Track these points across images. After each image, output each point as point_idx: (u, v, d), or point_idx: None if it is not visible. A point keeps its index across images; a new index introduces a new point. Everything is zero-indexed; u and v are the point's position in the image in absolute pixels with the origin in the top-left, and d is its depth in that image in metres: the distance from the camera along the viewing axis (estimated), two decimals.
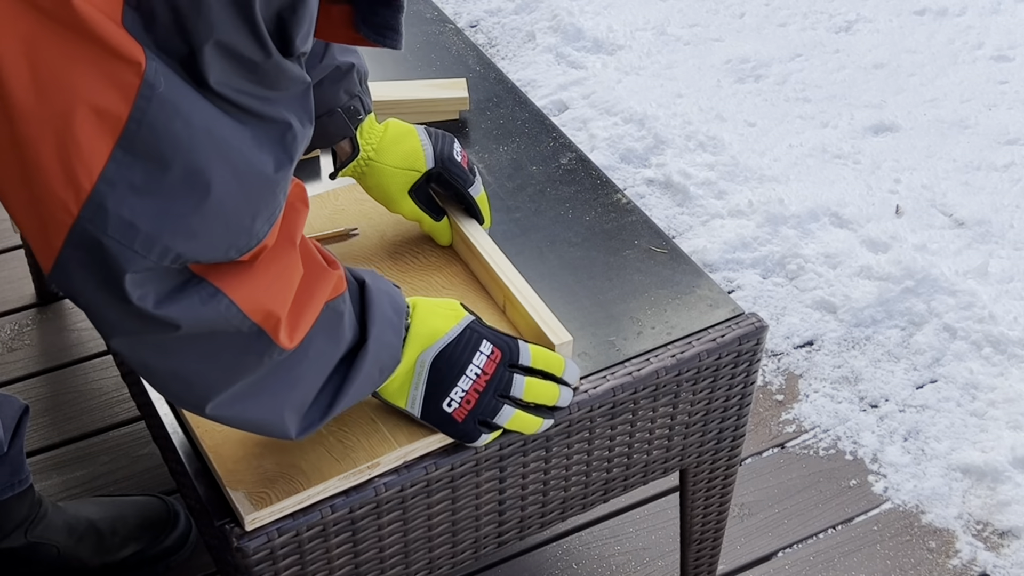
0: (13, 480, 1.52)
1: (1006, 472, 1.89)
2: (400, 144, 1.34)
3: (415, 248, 1.41)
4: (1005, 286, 2.24)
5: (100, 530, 1.63)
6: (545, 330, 1.26)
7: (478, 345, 1.16)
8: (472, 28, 3.08)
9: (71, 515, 1.62)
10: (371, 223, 1.43)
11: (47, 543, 1.58)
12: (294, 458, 1.16)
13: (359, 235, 1.39)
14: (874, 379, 2.09)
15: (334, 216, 1.44)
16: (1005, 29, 3.06)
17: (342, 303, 1.05)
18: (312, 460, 1.16)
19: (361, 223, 1.43)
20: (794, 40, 3.02)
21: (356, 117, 1.32)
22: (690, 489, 1.50)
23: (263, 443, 1.17)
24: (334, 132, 1.32)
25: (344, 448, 1.17)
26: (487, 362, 1.16)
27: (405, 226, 1.43)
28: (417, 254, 1.40)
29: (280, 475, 1.14)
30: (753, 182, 2.49)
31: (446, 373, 1.15)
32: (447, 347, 1.15)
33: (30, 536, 1.57)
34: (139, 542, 1.65)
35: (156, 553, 1.66)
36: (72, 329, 2.12)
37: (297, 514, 1.13)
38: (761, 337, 1.35)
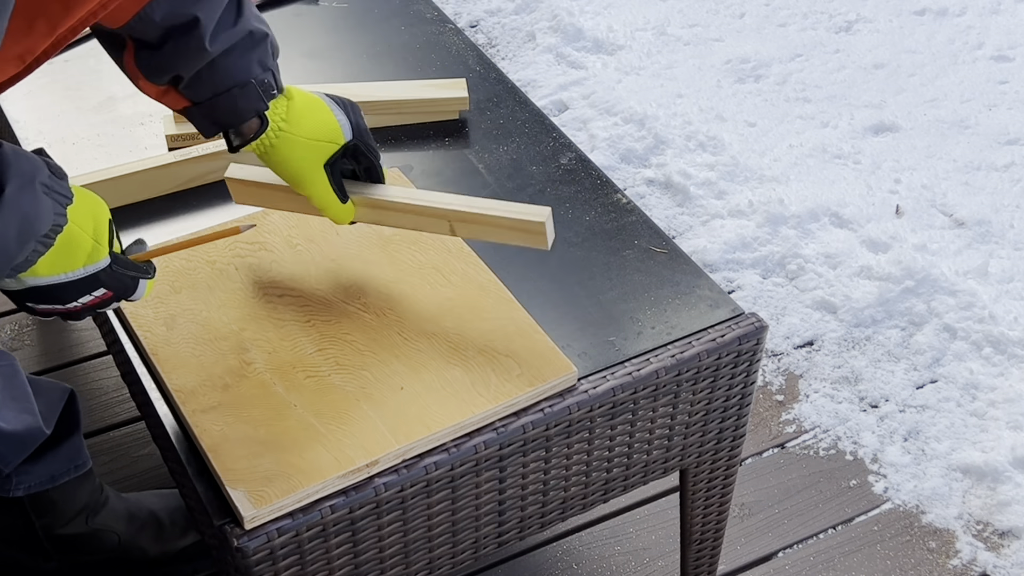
0: (70, 465, 1.52)
1: (1006, 472, 1.89)
2: (313, 114, 1.23)
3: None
4: (1005, 286, 2.24)
5: (160, 520, 1.65)
6: (524, 215, 1.22)
7: (92, 289, 1.10)
8: (472, 28, 3.08)
9: (133, 504, 1.64)
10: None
11: (108, 530, 1.59)
12: (292, 457, 1.16)
13: (254, 228, 1.32)
14: (874, 379, 2.08)
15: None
16: (1005, 29, 3.06)
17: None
18: (310, 459, 1.16)
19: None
20: (794, 40, 3.02)
21: (270, 92, 1.21)
22: (690, 489, 1.50)
23: (262, 442, 1.17)
24: (244, 107, 1.20)
25: (342, 447, 1.17)
26: (91, 300, 1.11)
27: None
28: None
29: (278, 473, 1.14)
30: (753, 182, 2.49)
31: (44, 298, 1.09)
32: (55, 287, 1.08)
33: (91, 523, 1.58)
34: (198, 534, 1.66)
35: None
36: (72, 329, 2.12)
37: (296, 514, 1.13)
38: (761, 337, 1.35)
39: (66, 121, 1.61)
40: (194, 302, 1.33)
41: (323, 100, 1.27)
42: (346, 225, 1.32)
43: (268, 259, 1.38)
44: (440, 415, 1.20)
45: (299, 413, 1.20)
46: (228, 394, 1.22)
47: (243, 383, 1.23)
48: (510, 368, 1.24)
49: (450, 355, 1.26)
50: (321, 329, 1.29)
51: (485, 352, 1.26)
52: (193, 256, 1.37)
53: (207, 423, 1.19)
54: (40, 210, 1.02)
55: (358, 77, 1.73)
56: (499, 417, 1.22)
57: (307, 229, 1.41)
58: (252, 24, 1.19)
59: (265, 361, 1.26)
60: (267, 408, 1.21)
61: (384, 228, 1.39)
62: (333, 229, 1.41)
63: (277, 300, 1.33)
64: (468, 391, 1.22)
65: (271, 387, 1.23)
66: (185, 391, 1.22)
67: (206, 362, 1.26)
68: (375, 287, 1.34)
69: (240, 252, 1.39)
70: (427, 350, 1.27)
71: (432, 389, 1.22)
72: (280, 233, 1.41)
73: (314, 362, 1.25)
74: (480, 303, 1.32)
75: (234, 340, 1.28)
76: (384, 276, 1.35)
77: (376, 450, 1.17)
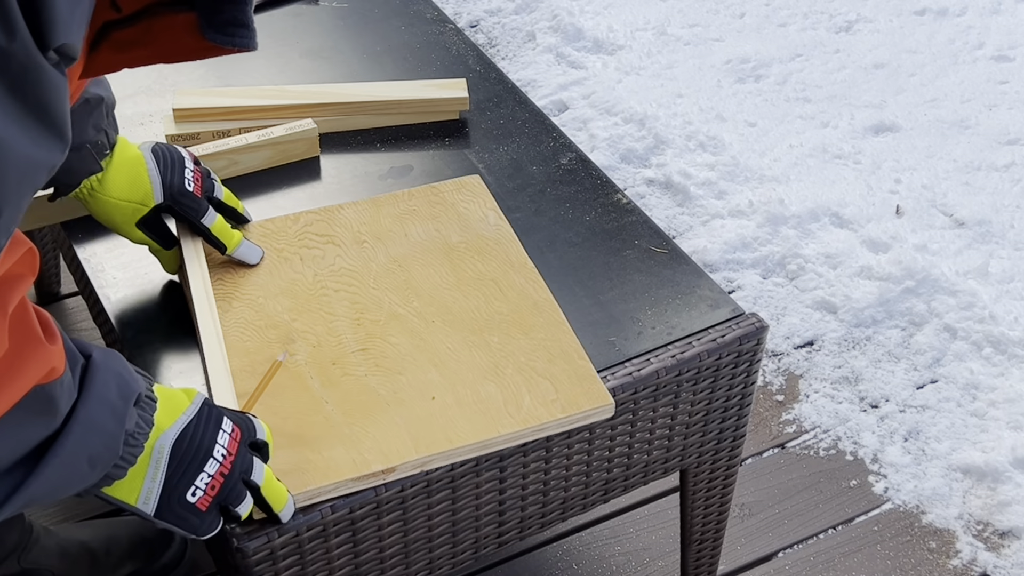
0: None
1: (1006, 472, 1.89)
2: (125, 174, 1.25)
3: None
4: (1005, 286, 2.24)
5: (94, 551, 1.61)
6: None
7: (220, 422, 1.05)
8: (472, 28, 3.08)
9: (63, 539, 1.60)
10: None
11: (41, 569, 1.56)
12: (311, 453, 1.15)
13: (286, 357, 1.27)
14: (874, 379, 2.08)
15: (302, 235, 1.41)
16: (1005, 29, 3.06)
17: (58, 387, 0.90)
18: (328, 456, 1.15)
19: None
20: (794, 40, 3.02)
21: (103, 153, 1.24)
22: (690, 489, 1.50)
23: (285, 434, 1.16)
24: (79, 168, 1.22)
25: (361, 449, 1.16)
26: (230, 441, 1.04)
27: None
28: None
29: (294, 468, 1.13)
30: (753, 182, 2.49)
31: (191, 458, 1.02)
32: (187, 427, 1.02)
33: (23, 563, 1.55)
34: (134, 561, 1.63)
35: (153, 571, 1.65)
36: (72, 329, 2.12)
37: (297, 513, 1.13)
38: (761, 337, 1.35)
39: None
40: (254, 287, 1.33)
41: (143, 158, 1.27)
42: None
43: (333, 253, 1.38)
44: (465, 430, 1.18)
45: (328, 410, 1.19)
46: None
47: (281, 373, 1.23)
48: (546, 392, 1.22)
49: (489, 370, 1.24)
50: (369, 329, 1.29)
51: (524, 371, 1.24)
52: (262, 242, 1.38)
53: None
54: (130, 372, 0.99)
55: (358, 77, 1.73)
56: (525, 440, 1.21)
57: (376, 226, 1.41)
58: (88, 91, 1.19)
59: (307, 354, 1.25)
60: (298, 401, 1.20)
61: (452, 235, 1.40)
62: (402, 229, 1.41)
63: (333, 294, 1.32)
64: (499, 409, 1.20)
65: (307, 381, 1.23)
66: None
67: (251, 348, 1.26)
68: (430, 293, 1.33)
69: (308, 243, 1.39)
70: (467, 362, 1.25)
71: (463, 403, 1.21)
72: (350, 228, 1.41)
73: (355, 361, 1.25)
74: (530, 321, 1.30)
75: (283, 330, 1.28)
76: (442, 283, 1.34)
77: (395, 457, 1.15)
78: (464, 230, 1.42)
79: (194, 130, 1.55)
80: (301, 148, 1.55)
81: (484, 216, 1.44)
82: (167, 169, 1.27)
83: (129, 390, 0.97)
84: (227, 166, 1.51)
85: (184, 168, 1.29)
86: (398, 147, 1.60)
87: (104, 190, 1.25)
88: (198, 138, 1.55)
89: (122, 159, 1.26)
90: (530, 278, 1.36)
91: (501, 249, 1.39)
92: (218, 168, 1.50)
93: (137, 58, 1.03)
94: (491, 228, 1.42)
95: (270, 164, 1.54)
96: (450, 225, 1.43)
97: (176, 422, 1.02)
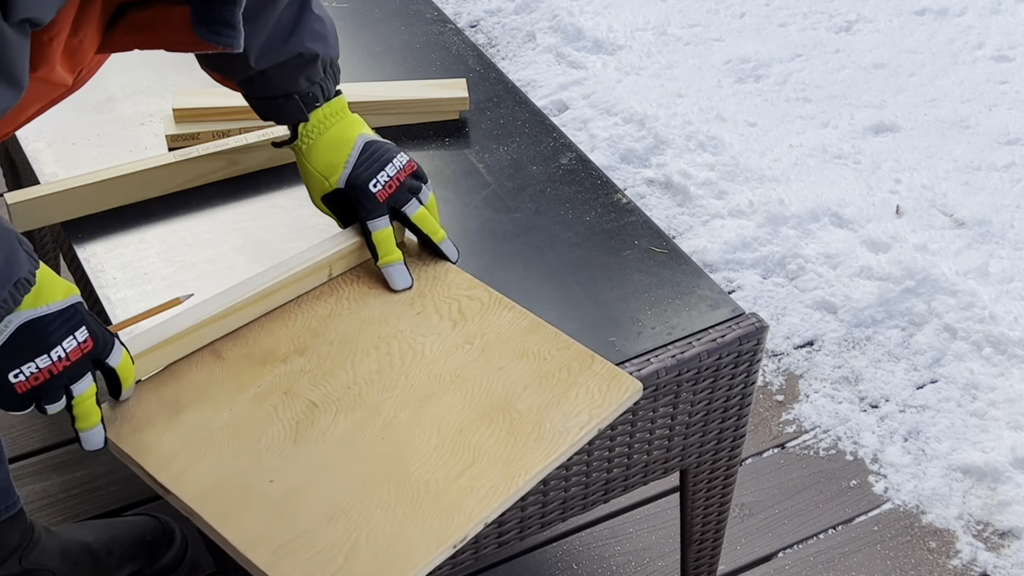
0: (1, 506, 1.49)
1: (1006, 472, 1.89)
2: (330, 152, 1.33)
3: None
4: (1005, 286, 2.24)
5: (95, 552, 1.61)
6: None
7: (75, 329, 1.09)
8: (472, 28, 3.08)
9: (65, 539, 1.60)
10: None
11: (42, 569, 1.56)
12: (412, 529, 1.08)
13: (193, 296, 1.28)
14: (874, 379, 2.08)
15: None
16: (1005, 29, 3.06)
17: None
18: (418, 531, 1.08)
19: None
20: (794, 40, 3.02)
21: (313, 103, 1.32)
22: (690, 489, 1.50)
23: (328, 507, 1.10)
24: (288, 114, 1.32)
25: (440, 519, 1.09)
26: (75, 349, 1.09)
27: None
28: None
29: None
30: (753, 182, 2.49)
31: (28, 346, 1.07)
32: (42, 318, 1.07)
33: (25, 563, 1.55)
34: (136, 562, 1.63)
35: (154, 572, 1.65)
36: None
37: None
38: (761, 337, 1.35)
39: (66, 121, 1.61)
40: (319, 324, 1.28)
41: (354, 143, 1.33)
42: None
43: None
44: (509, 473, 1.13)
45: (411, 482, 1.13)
46: None
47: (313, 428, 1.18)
48: (576, 402, 1.19)
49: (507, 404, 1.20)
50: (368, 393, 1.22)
51: (545, 394, 1.20)
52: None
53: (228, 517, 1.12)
54: (19, 258, 1.05)
55: (358, 77, 1.73)
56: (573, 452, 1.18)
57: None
58: (304, 46, 1.27)
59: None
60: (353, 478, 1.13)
61: (409, 293, 1.33)
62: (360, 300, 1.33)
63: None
64: (542, 437, 1.16)
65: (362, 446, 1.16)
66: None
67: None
68: (423, 373, 1.24)
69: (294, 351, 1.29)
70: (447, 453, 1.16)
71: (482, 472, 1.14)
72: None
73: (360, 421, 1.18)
74: (528, 362, 1.24)
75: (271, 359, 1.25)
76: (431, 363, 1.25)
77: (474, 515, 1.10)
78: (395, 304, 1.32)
79: (194, 130, 1.55)
80: None
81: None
82: (365, 163, 1.32)
83: (8, 276, 1.03)
84: (227, 166, 1.51)
85: (381, 170, 1.32)
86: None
87: (309, 155, 1.33)
88: (198, 138, 1.55)
89: (337, 136, 1.33)
90: (490, 300, 1.31)
91: (447, 288, 1.32)
92: (218, 168, 1.50)
93: (147, 41, 1.09)
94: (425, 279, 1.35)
95: (270, 164, 1.54)
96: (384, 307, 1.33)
97: (36, 309, 1.07)
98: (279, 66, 1.28)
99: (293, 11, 1.27)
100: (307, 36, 1.28)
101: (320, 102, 1.32)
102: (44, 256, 2.07)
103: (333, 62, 1.33)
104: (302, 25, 1.27)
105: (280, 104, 1.31)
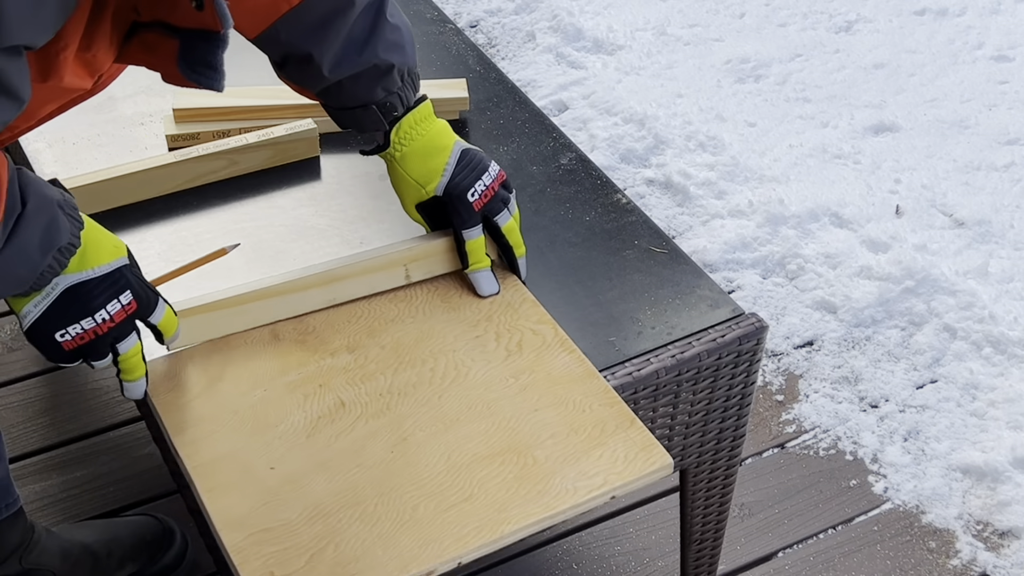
0: (1, 504, 1.49)
1: (1006, 472, 1.89)
2: (426, 160, 1.31)
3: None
4: (1005, 286, 2.24)
5: (95, 553, 1.61)
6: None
7: (120, 293, 1.12)
8: (472, 28, 3.09)
9: (65, 540, 1.60)
10: None
11: (42, 569, 1.56)
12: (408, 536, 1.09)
13: (239, 246, 1.30)
14: (874, 379, 2.09)
15: None
16: (1005, 29, 3.06)
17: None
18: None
19: None
20: (794, 40, 3.02)
21: (392, 113, 1.30)
22: (690, 489, 1.50)
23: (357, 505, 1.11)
24: (366, 124, 1.31)
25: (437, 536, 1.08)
26: (120, 311, 1.12)
27: None
28: None
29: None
30: (753, 182, 2.49)
31: (75, 308, 1.10)
32: (88, 282, 1.10)
33: (25, 563, 1.55)
34: (135, 563, 1.64)
35: (154, 572, 1.65)
36: None
37: None
38: (761, 337, 1.35)
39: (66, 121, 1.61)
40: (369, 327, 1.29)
41: (451, 150, 1.32)
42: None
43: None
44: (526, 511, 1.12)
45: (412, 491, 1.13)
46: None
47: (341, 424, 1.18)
48: (600, 463, 1.16)
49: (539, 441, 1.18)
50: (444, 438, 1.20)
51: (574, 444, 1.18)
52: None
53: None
54: (60, 224, 1.06)
55: None
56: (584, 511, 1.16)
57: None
58: (379, 56, 1.26)
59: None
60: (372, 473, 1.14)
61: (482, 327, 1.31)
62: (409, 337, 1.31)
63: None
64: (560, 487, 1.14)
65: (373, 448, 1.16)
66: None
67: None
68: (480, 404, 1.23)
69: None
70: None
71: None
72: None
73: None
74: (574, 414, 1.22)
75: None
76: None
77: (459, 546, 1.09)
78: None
79: (194, 130, 1.55)
80: (301, 148, 1.55)
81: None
82: (463, 171, 1.31)
83: (51, 243, 1.05)
84: (227, 166, 1.51)
85: (478, 179, 1.31)
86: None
87: (403, 162, 1.32)
88: (198, 138, 1.55)
89: (431, 143, 1.32)
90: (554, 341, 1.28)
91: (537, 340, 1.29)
92: (218, 168, 1.50)
93: (152, 63, 1.11)
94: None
95: (270, 164, 1.54)
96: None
97: (81, 273, 1.10)
98: (354, 77, 1.26)
99: (367, 20, 1.25)
100: (382, 46, 1.26)
101: (400, 111, 1.30)
102: None
103: (411, 71, 1.31)
104: (377, 35, 1.25)
105: (358, 115, 1.30)
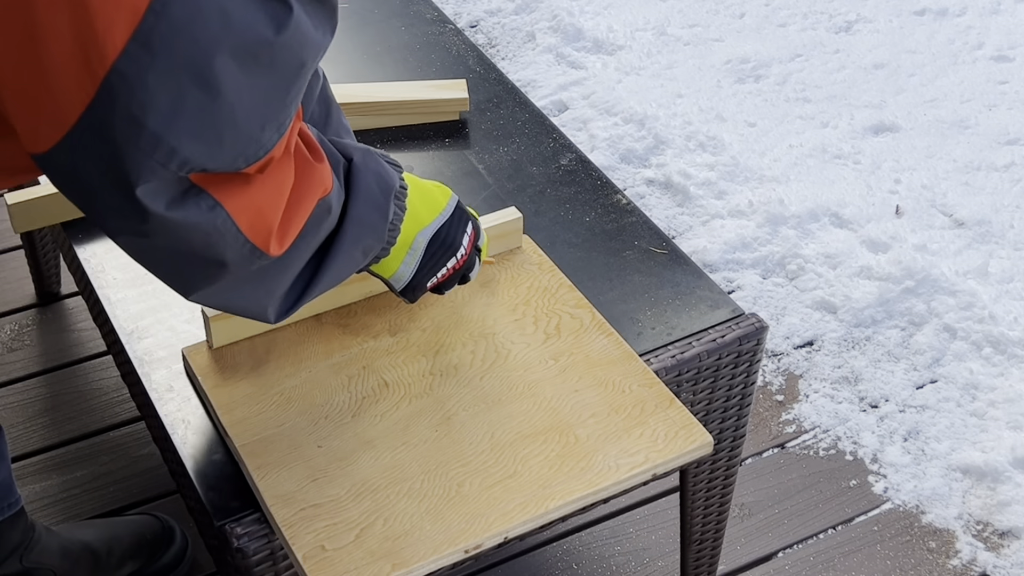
0: (3, 504, 1.49)
1: (1006, 472, 1.89)
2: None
3: None
4: (1005, 286, 2.24)
5: (96, 551, 1.61)
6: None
7: (465, 224, 1.19)
8: (472, 28, 3.09)
9: (65, 538, 1.60)
10: None
11: (43, 568, 1.56)
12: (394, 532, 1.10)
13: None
14: (874, 379, 2.09)
15: None
16: (1005, 29, 3.06)
17: (332, 197, 1.03)
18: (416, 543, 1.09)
19: None
20: (794, 40, 3.02)
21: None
22: (690, 489, 1.50)
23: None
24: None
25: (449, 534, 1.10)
26: (468, 242, 1.19)
27: None
28: None
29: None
30: (753, 182, 2.49)
31: (441, 254, 1.17)
32: (443, 226, 1.16)
33: (25, 562, 1.54)
34: (136, 561, 1.64)
35: (154, 571, 1.65)
36: (72, 329, 2.12)
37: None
38: (761, 337, 1.35)
39: None
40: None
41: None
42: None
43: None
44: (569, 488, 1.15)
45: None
46: None
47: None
48: (639, 441, 1.19)
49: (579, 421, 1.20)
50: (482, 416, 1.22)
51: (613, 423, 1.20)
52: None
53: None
54: (386, 169, 1.10)
55: (358, 77, 1.73)
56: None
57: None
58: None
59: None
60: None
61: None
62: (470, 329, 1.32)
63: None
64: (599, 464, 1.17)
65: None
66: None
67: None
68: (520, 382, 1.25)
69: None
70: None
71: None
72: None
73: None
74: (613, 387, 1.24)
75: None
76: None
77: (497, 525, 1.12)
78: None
79: None
80: None
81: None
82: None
83: (387, 186, 1.09)
84: None
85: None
86: (398, 148, 1.60)
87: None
88: None
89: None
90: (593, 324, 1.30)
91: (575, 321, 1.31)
92: None
93: None
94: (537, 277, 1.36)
95: None
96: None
97: (434, 221, 1.16)
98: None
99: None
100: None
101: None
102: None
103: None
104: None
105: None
